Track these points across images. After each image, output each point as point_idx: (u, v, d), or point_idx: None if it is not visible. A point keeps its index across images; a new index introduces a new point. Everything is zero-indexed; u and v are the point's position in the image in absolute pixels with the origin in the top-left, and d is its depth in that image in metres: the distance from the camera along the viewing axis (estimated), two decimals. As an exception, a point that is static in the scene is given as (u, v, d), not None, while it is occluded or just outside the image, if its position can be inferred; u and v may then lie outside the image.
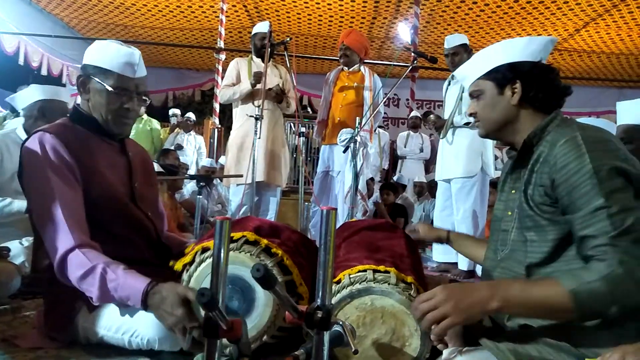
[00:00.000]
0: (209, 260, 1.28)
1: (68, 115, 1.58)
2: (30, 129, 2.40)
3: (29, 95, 2.44)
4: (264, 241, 1.32)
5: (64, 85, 7.52)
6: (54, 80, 7.42)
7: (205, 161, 5.15)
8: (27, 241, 2.24)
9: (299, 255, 1.43)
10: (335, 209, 0.94)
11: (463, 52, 3.39)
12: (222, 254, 0.90)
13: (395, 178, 6.42)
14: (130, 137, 1.67)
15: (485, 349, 1.08)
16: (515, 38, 1.27)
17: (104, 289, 1.26)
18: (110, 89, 1.44)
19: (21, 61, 6.75)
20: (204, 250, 1.31)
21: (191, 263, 1.31)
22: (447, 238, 1.59)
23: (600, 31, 6.50)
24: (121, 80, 1.45)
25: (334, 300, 1.26)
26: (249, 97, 3.62)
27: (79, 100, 1.57)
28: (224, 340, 0.93)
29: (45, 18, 7.22)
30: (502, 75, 1.23)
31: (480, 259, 1.45)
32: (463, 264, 3.27)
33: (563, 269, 1.10)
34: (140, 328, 1.30)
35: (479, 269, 3.11)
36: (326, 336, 0.89)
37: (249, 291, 1.29)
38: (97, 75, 1.46)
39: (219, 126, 6.36)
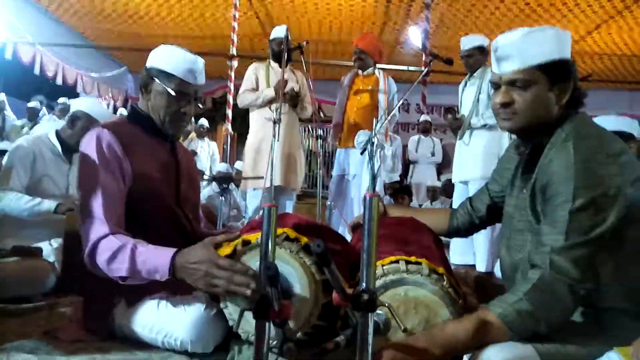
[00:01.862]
0: (250, 253, 1.30)
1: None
2: (64, 135, 2.48)
3: (85, 104, 2.54)
4: (304, 239, 1.33)
5: (77, 94, 7.66)
6: (69, 89, 7.55)
7: (221, 166, 5.21)
8: (57, 242, 2.30)
9: (337, 254, 1.45)
10: (379, 196, 0.97)
11: (478, 54, 3.42)
12: (270, 240, 0.93)
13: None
14: None
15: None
16: (562, 30, 1.19)
17: (133, 264, 1.30)
18: (171, 92, 1.51)
19: (37, 71, 6.87)
20: (245, 243, 1.33)
21: (231, 255, 1.33)
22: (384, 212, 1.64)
23: (612, 33, 6.50)
24: (182, 85, 1.51)
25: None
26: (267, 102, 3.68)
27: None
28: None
29: (61, 28, 7.36)
30: (557, 71, 1.15)
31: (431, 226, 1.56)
32: (481, 265, 3.28)
33: None
34: (174, 329, 1.32)
35: (497, 269, 3.12)
36: (371, 318, 0.92)
37: (286, 288, 1.31)
38: (160, 78, 1.52)
39: (232, 132, 6.43)
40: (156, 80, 1.53)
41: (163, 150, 1.60)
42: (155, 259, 1.29)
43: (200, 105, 1.62)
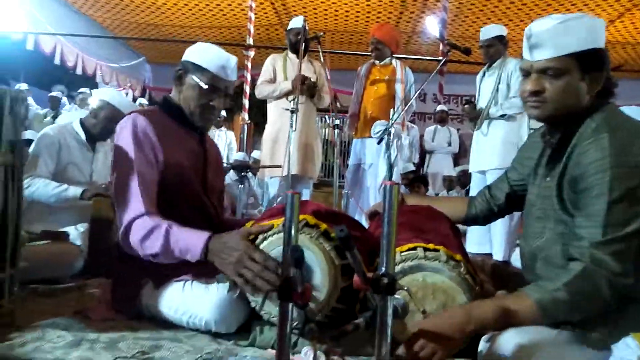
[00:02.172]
0: (271, 238, 1.34)
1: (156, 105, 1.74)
2: (88, 124, 2.55)
3: (108, 94, 2.61)
4: (323, 225, 1.37)
5: (96, 84, 7.78)
6: (88, 79, 7.67)
7: (239, 155, 5.28)
8: (83, 227, 2.37)
9: (356, 241, 1.49)
10: (399, 184, 1.00)
11: (498, 44, 3.39)
12: (293, 225, 0.97)
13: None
14: None
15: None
16: (595, 18, 1.17)
17: (166, 243, 1.35)
18: (203, 85, 1.57)
19: (57, 61, 6.97)
20: (270, 227, 1.37)
21: (253, 241, 1.38)
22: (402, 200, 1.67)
23: (635, 22, 6.35)
24: (215, 80, 1.58)
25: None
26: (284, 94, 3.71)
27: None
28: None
29: (80, 19, 7.45)
30: (590, 61, 1.14)
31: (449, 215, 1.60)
32: (498, 254, 3.28)
33: None
34: (199, 310, 1.38)
35: (514, 259, 3.12)
36: (391, 301, 0.95)
37: (307, 272, 1.35)
38: (194, 72, 1.59)
39: (249, 122, 6.48)
40: (190, 73, 1.59)
41: (192, 141, 1.66)
42: (189, 239, 1.34)
43: (230, 102, 1.68)
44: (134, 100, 8.11)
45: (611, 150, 1.07)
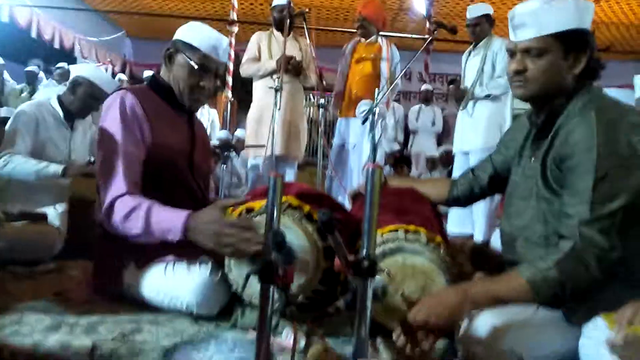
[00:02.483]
0: (255, 219, 1.34)
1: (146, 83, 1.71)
2: (65, 101, 2.48)
3: (86, 70, 2.52)
4: (307, 207, 1.37)
5: (75, 59, 7.55)
6: (66, 53, 7.44)
7: (222, 133, 5.21)
8: (61, 207, 2.33)
9: (338, 223, 1.49)
10: (381, 167, 0.99)
11: (485, 23, 3.37)
12: (275, 209, 0.96)
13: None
14: None
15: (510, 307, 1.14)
16: (580, 0, 1.18)
17: (147, 224, 1.35)
18: (194, 65, 1.55)
19: (34, 34, 6.74)
20: (248, 210, 1.37)
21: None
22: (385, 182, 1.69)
23: (620, 1, 6.37)
24: (206, 59, 1.56)
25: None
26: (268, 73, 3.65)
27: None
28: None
29: (58, -10, 7.18)
30: (573, 41, 1.16)
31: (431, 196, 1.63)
32: (479, 234, 3.33)
33: None
34: (180, 292, 1.39)
35: (494, 239, 3.18)
36: (371, 283, 0.96)
37: (289, 253, 1.35)
38: (185, 51, 1.56)
39: (232, 99, 6.39)
40: (181, 52, 1.57)
41: (181, 121, 1.65)
42: (169, 220, 1.34)
43: (220, 84, 1.67)
44: (113, 75, 7.92)
45: (598, 129, 1.09)
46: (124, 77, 7.47)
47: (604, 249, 1.08)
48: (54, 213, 2.26)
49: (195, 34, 1.57)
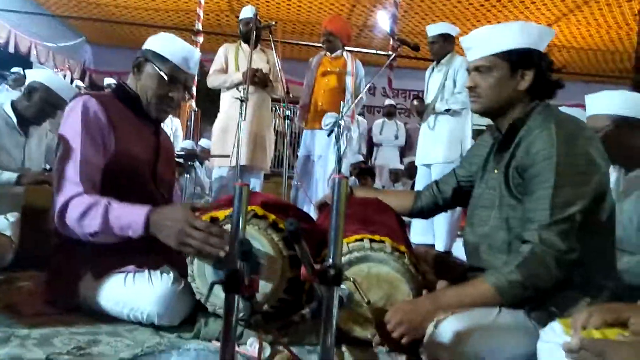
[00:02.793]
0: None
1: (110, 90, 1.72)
2: (20, 107, 2.38)
3: (43, 76, 2.44)
4: (272, 216, 1.36)
5: (31, 64, 7.27)
6: (22, 58, 7.15)
7: (186, 143, 5.13)
8: (13, 216, 2.22)
9: (304, 233, 1.49)
10: (347, 178, 1.01)
11: (442, 42, 3.50)
12: (241, 218, 0.95)
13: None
14: None
15: (473, 311, 1.18)
16: (530, 23, 1.31)
17: (106, 220, 1.31)
18: (164, 75, 1.53)
19: (-14, 37, 6.47)
20: (213, 219, 1.35)
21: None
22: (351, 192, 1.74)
23: (570, 26, 6.74)
24: (176, 71, 1.55)
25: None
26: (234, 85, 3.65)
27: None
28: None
29: (14, -7, 6.93)
30: (517, 59, 1.25)
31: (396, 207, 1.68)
32: (440, 244, 3.41)
33: None
34: (141, 302, 1.34)
35: (454, 249, 3.26)
36: (337, 292, 0.96)
37: (255, 262, 1.33)
38: (155, 61, 1.55)
39: (196, 109, 6.31)
40: (150, 62, 1.55)
41: (146, 130, 1.62)
42: (129, 214, 1.31)
43: (187, 96, 1.67)
44: (71, 82, 7.67)
45: (558, 139, 1.17)
46: (81, 84, 7.25)
47: (562, 250, 1.15)
48: (6, 222, 2.16)
49: (167, 45, 1.57)
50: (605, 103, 1.82)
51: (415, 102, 3.59)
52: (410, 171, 5.79)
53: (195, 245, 1.24)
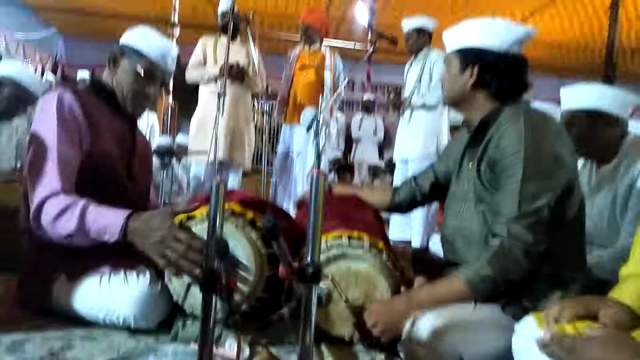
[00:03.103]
0: (195, 228, 1.30)
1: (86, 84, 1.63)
2: None
3: (12, 69, 2.37)
4: (250, 214, 1.35)
5: (0, 57, 7.03)
6: (-10, 50, 6.91)
7: (163, 139, 5.04)
8: (-18, 217, 2.15)
9: (283, 231, 1.48)
10: (325, 174, 1.00)
11: (417, 36, 3.52)
12: (218, 216, 0.94)
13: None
14: None
15: (449, 308, 1.20)
16: (497, 21, 1.33)
17: (82, 222, 1.27)
18: (140, 72, 1.50)
19: (-48, 28, 6.23)
20: (189, 218, 1.33)
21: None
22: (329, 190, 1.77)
23: (544, 21, 6.86)
24: (153, 67, 1.53)
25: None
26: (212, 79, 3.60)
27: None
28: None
29: (-19, -17, 6.68)
30: (467, 57, 1.33)
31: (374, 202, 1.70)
32: (416, 240, 3.45)
33: None
34: (117, 305, 1.31)
35: (432, 244, 3.29)
36: (315, 290, 0.96)
37: (232, 261, 1.32)
38: (131, 56, 1.52)
39: (173, 104, 6.21)
40: (127, 57, 1.52)
41: (122, 126, 1.58)
42: (107, 218, 1.27)
43: (164, 92, 1.64)
44: (42, 75, 7.45)
45: (526, 134, 1.20)
46: (52, 77, 7.05)
47: (529, 243, 1.18)
48: (-27, 223, 2.08)
49: (144, 40, 1.53)
50: (580, 97, 1.85)
51: (391, 96, 3.61)
52: (390, 167, 5.83)
53: (174, 258, 1.21)
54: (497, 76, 1.32)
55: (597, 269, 1.58)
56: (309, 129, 3.10)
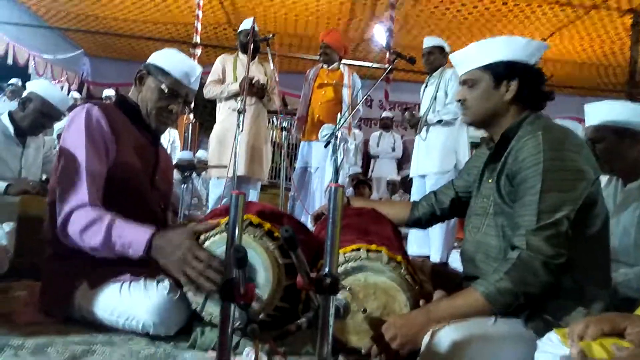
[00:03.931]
0: (214, 238, 1.32)
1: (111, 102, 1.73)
2: (17, 117, 2.39)
3: (39, 87, 2.44)
4: (267, 225, 1.36)
5: (29, 76, 7.29)
6: (20, 70, 7.18)
7: (184, 154, 5.14)
8: (8, 226, 2.21)
9: (300, 243, 1.49)
10: (343, 186, 1.01)
11: (438, 53, 3.56)
12: (237, 226, 0.95)
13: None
14: None
15: (469, 321, 1.18)
16: (516, 37, 1.35)
17: (108, 237, 1.31)
18: (164, 88, 1.56)
19: (-15, 49, 6.50)
20: (208, 228, 1.34)
21: (197, 239, 1.34)
22: (347, 202, 1.76)
23: (564, 41, 6.83)
24: (176, 84, 1.58)
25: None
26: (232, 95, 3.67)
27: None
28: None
29: (12, 6, 6.97)
30: (500, 71, 1.30)
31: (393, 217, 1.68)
32: (436, 256, 3.41)
33: None
34: (137, 312, 1.33)
35: (451, 260, 3.25)
36: (333, 301, 0.96)
37: (250, 271, 1.34)
38: (156, 74, 1.58)
39: (194, 120, 6.33)
40: (152, 75, 1.58)
41: (145, 141, 1.63)
42: (132, 234, 1.31)
43: (187, 110, 1.69)
44: (68, 93, 7.69)
45: (544, 146, 1.19)
46: (77, 95, 7.27)
47: (548, 255, 1.15)
48: (1, 232, 2.14)
49: (169, 59, 1.60)
50: (605, 112, 1.82)
51: (406, 114, 3.64)
52: (406, 184, 5.81)
53: (193, 276, 1.23)
54: (532, 87, 1.32)
55: (624, 287, 1.55)
56: (327, 144, 3.12)
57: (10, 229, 2.19)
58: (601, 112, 1.84)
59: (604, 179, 1.90)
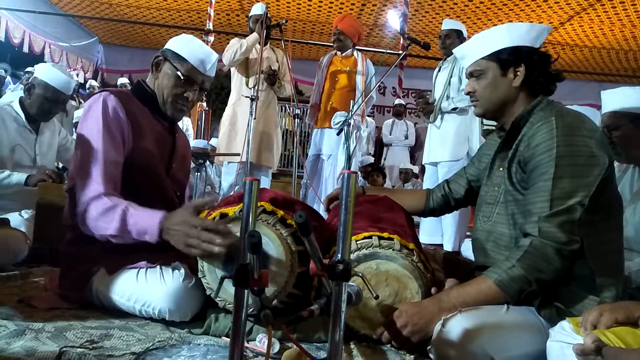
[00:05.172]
0: (228, 225, 1.33)
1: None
2: (26, 104, 2.40)
3: (50, 73, 2.41)
4: (280, 212, 1.37)
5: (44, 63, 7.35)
6: (36, 57, 7.25)
7: (197, 142, 5.17)
8: (27, 213, 2.26)
9: (313, 229, 1.50)
10: (357, 173, 1.01)
11: (455, 37, 3.48)
12: (251, 212, 0.96)
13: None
14: None
15: (481, 309, 1.18)
16: (518, 23, 1.35)
17: (123, 223, 1.34)
18: (180, 75, 1.56)
19: (1, 37, 6.57)
20: (222, 216, 1.36)
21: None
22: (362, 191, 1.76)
23: (583, 25, 6.66)
24: (192, 71, 1.58)
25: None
26: (244, 77, 3.64)
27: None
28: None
29: (28, -6, 7.02)
30: (506, 58, 1.30)
31: (408, 206, 1.67)
32: (448, 245, 3.40)
33: None
34: (153, 298, 1.35)
35: (464, 249, 3.24)
36: (345, 287, 0.97)
37: (263, 257, 1.35)
38: (173, 60, 1.58)
39: (207, 108, 6.35)
40: (168, 62, 1.58)
41: (162, 128, 1.64)
42: (146, 220, 1.33)
43: (203, 97, 1.69)
44: (85, 81, 7.76)
45: (557, 132, 1.18)
46: (95, 83, 7.33)
47: (561, 241, 1.15)
48: (20, 219, 2.19)
49: (186, 46, 1.59)
50: (623, 98, 1.79)
51: (420, 100, 3.57)
52: (423, 173, 5.78)
53: (194, 244, 1.24)
54: (539, 71, 1.31)
55: (638, 276, 1.53)
56: (339, 132, 3.11)
57: (29, 216, 2.24)
58: (618, 98, 1.80)
59: (620, 167, 1.87)
